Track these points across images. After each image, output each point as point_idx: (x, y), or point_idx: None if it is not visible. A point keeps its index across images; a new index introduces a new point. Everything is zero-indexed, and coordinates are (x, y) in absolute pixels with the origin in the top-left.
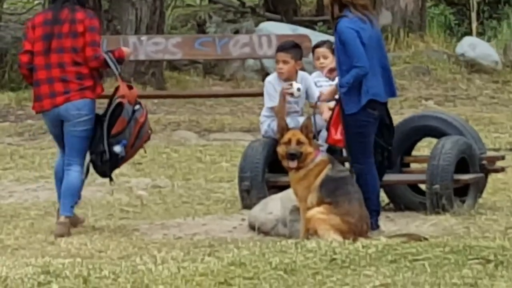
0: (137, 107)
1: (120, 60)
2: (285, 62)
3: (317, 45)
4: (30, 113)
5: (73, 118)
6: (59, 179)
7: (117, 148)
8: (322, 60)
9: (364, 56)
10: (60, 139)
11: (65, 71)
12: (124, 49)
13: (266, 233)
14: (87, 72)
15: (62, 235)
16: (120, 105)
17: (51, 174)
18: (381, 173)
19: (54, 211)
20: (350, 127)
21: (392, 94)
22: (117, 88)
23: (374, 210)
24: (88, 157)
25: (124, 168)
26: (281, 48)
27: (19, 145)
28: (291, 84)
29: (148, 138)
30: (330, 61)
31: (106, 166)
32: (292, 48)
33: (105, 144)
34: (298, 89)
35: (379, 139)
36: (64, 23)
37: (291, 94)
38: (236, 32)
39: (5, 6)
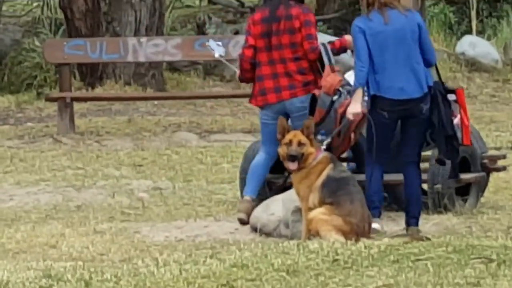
0: (335, 97)
1: (342, 49)
2: None
3: None
4: (29, 115)
5: (297, 111)
6: (257, 175)
7: (320, 138)
8: None
9: (362, 52)
10: (272, 134)
11: (287, 67)
12: (347, 37)
13: (268, 234)
14: (307, 66)
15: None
16: (314, 96)
17: (52, 177)
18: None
19: (55, 214)
20: (366, 124)
21: (419, 90)
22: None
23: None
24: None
25: (124, 170)
26: None
27: (19, 148)
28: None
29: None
30: None
31: None
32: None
33: None
34: None
35: (439, 153)
36: (281, 20)
37: None
38: (236, 33)
39: (4, 8)
